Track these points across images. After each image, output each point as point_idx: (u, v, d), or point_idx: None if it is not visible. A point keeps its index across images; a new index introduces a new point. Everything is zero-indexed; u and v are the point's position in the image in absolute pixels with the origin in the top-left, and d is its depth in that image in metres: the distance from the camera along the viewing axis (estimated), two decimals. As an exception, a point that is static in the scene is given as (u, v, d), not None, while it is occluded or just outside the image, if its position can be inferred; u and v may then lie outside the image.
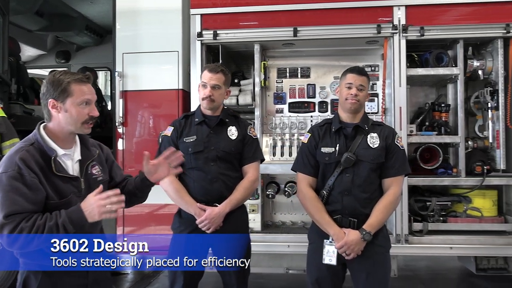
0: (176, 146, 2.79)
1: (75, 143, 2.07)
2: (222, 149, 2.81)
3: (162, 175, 2.21)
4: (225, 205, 2.73)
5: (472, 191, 3.88)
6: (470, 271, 4.12)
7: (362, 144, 2.60)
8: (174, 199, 2.82)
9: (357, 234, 2.48)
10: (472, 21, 3.84)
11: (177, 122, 2.94)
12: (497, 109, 3.87)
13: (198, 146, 2.80)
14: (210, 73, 2.79)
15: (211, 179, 2.77)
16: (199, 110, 2.91)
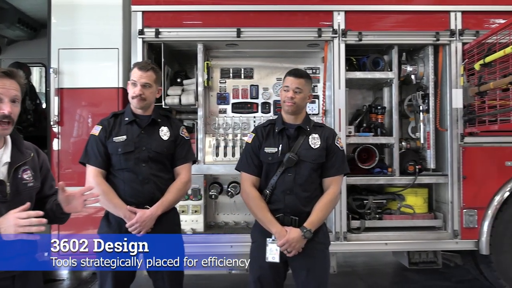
0: (104, 146, 2.71)
1: (5, 144, 1.94)
2: (154, 149, 2.73)
3: (74, 209, 2.05)
4: (157, 207, 2.66)
5: (405, 189, 4.10)
6: (403, 265, 4.33)
7: (304, 145, 2.66)
8: (102, 202, 2.66)
9: (298, 232, 2.54)
10: (406, 28, 4.04)
11: (105, 121, 2.81)
12: (428, 112, 4.12)
13: (128, 147, 2.70)
14: (140, 71, 2.71)
15: (142, 180, 2.68)
16: (129, 109, 2.81)
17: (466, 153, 3.99)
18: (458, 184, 3.98)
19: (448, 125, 4.03)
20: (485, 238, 3.94)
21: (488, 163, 4.00)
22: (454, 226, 3.99)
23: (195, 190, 3.95)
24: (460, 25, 4.02)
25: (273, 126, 2.75)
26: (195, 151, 3.94)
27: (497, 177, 3.99)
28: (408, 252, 4.14)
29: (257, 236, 2.73)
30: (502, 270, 4.02)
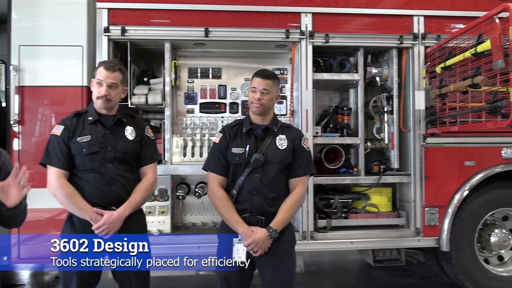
0: (67, 147, 2.63)
1: None
2: (120, 149, 2.68)
3: (14, 198, 1.97)
4: (124, 209, 2.61)
5: (370, 189, 4.19)
6: (368, 263, 4.43)
7: (271, 146, 2.68)
8: (66, 204, 2.59)
9: (264, 232, 2.55)
10: (372, 31, 4.13)
11: (67, 120, 2.72)
12: (392, 113, 4.23)
13: (93, 147, 2.64)
14: (106, 71, 2.64)
15: (109, 181, 2.63)
16: (92, 108, 2.74)
17: (428, 153, 4.12)
18: (421, 184, 4.11)
19: (411, 126, 4.15)
20: (446, 236, 4.08)
21: (449, 163, 4.14)
22: (417, 224, 4.11)
23: (162, 191, 3.90)
24: (422, 29, 4.14)
25: (241, 126, 2.76)
26: (162, 151, 3.90)
27: (457, 177, 4.14)
28: (372, 250, 4.23)
29: (223, 236, 2.72)
30: (461, 266, 4.17)
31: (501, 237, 4.27)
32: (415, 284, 4.92)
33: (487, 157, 4.18)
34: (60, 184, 2.58)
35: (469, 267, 4.19)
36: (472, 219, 4.19)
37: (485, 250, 4.36)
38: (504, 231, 4.30)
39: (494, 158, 4.19)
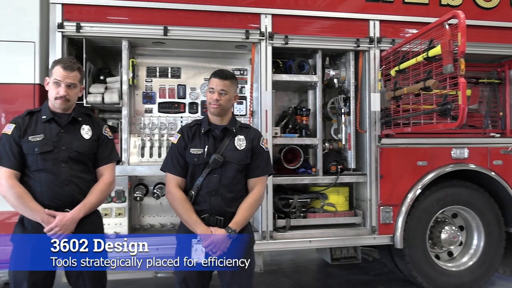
0: (18, 146, 2.53)
1: None
2: (74, 149, 2.60)
3: None
4: (78, 210, 2.53)
5: (328, 188, 4.27)
6: (326, 261, 4.51)
7: (230, 146, 2.68)
8: (16, 206, 2.49)
9: (223, 232, 2.55)
10: (330, 34, 4.21)
11: (19, 119, 2.61)
12: (349, 114, 4.33)
13: (46, 146, 2.54)
14: (65, 71, 2.55)
15: (62, 182, 2.54)
16: (46, 107, 2.65)
17: (383, 153, 4.25)
18: (376, 183, 4.23)
19: (367, 127, 4.26)
20: (399, 233, 4.22)
21: (402, 163, 4.29)
22: (372, 222, 4.24)
23: (119, 192, 3.81)
24: (378, 33, 4.27)
25: (199, 126, 2.74)
26: (119, 151, 3.81)
27: (410, 176, 4.30)
28: (330, 248, 4.33)
29: (182, 237, 2.70)
30: (414, 262, 4.34)
31: (451, 234, 4.47)
32: (370, 281, 5.06)
33: (438, 157, 4.37)
34: (10, 185, 2.47)
35: (421, 263, 4.36)
36: (424, 217, 4.36)
37: (436, 247, 4.56)
38: (454, 228, 4.51)
39: (445, 158, 4.39)
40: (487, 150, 4.48)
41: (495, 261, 4.55)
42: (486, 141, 4.56)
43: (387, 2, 4.31)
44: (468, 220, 4.62)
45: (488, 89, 4.93)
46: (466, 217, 4.61)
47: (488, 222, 4.52)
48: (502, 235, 4.56)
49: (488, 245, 4.52)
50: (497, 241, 4.54)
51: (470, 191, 4.49)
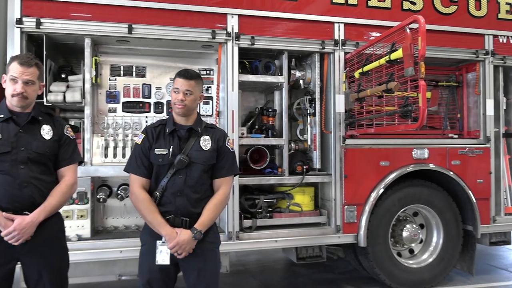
0: None
1: None
2: (34, 150, 2.50)
3: None
4: (38, 213, 2.44)
5: (294, 189, 4.32)
6: (292, 260, 4.55)
7: (195, 146, 2.66)
8: None
9: (189, 234, 2.53)
10: (296, 35, 4.26)
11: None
12: (314, 115, 4.39)
13: (4, 147, 2.44)
14: (21, 67, 2.46)
15: (21, 184, 2.44)
16: (4, 106, 2.55)
17: (347, 154, 4.33)
18: (340, 183, 4.31)
19: (332, 128, 4.34)
20: (363, 232, 4.31)
21: (366, 163, 4.39)
22: (337, 221, 4.31)
23: (81, 194, 3.71)
24: (342, 36, 4.35)
25: (164, 126, 2.71)
26: (82, 152, 3.70)
27: (373, 176, 4.41)
28: (296, 248, 4.36)
29: (147, 239, 2.67)
30: (377, 260, 4.44)
31: (412, 232, 4.61)
32: (335, 279, 5.14)
33: (400, 158, 4.50)
34: None
35: (384, 260, 4.47)
36: (387, 215, 4.48)
37: (398, 244, 4.69)
38: (415, 226, 4.65)
39: (406, 158, 4.52)
40: (446, 150, 4.65)
41: (453, 258, 4.73)
42: (445, 142, 4.74)
43: (352, 5, 4.40)
44: (428, 218, 4.77)
45: (447, 91, 5.13)
46: (426, 216, 4.77)
47: (447, 220, 4.69)
48: (460, 232, 4.75)
49: (446, 242, 4.69)
50: (455, 238, 4.72)
51: (430, 190, 4.64)
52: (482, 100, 4.84)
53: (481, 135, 4.83)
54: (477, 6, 4.81)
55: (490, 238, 4.93)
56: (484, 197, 4.75)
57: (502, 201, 4.86)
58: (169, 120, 2.73)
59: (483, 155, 4.77)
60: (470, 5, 4.78)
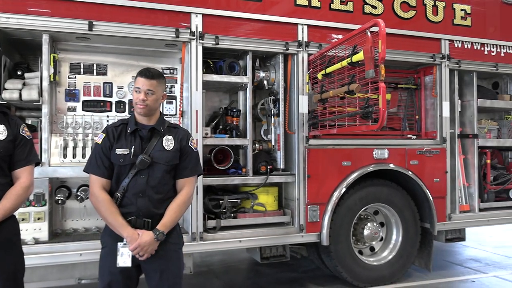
0: None
1: None
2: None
3: None
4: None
5: (258, 189, 4.33)
6: (256, 260, 4.57)
7: (158, 146, 2.62)
8: None
9: (151, 235, 2.49)
10: (260, 36, 4.27)
11: None
12: (278, 116, 4.42)
13: None
14: None
15: None
16: None
17: (311, 154, 4.39)
18: (304, 183, 4.36)
19: (295, 128, 4.39)
20: (326, 231, 4.39)
21: (329, 163, 4.46)
22: (300, 221, 4.36)
23: (38, 195, 3.59)
24: (306, 38, 4.41)
25: (126, 126, 2.65)
26: (39, 152, 3.58)
27: (336, 176, 4.49)
28: (260, 247, 4.38)
29: (107, 241, 2.60)
30: (339, 258, 4.53)
31: (372, 230, 4.73)
32: (298, 278, 5.20)
33: (361, 158, 4.61)
34: None
35: (346, 258, 4.56)
36: (349, 214, 4.57)
37: (359, 242, 4.80)
38: (375, 225, 4.78)
39: (367, 158, 4.63)
40: (405, 151, 4.80)
41: (411, 255, 4.89)
42: (404, 143, 4.89)
43: (315, 7, 4.47)
44: (388, 217, 4.91)
45: (405, 94, 5.30)
46: (386, 214, 4.90)
47: (406, 218, 4.84)
48: (418, 230, 4.91)
49: (405, 240, 4.84)
50: (413, 236, 4.88)
51: (390, 190, 4.78)
52: (439, 102, 5.03)
53: (438, 136, 5.02)
54: (434, 11, 4.99)
55: (446, 235, 5.14)
56: (441, 196, 4.93)
57: (457, 199, 5.08)
58: (130, 119, 2.67)
59: (439, 155, 4.96)
60: (427, 10, 4.96)
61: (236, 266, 5.78)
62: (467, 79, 5.30)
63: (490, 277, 5.21)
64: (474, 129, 5.21)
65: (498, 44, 5.35)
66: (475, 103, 5.23)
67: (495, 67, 5.31)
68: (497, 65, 5.32)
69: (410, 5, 4.88)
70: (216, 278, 5.23)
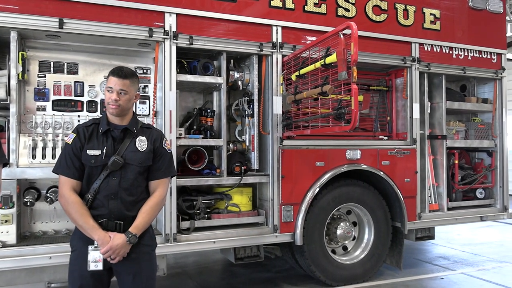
0: None
1: None
2: None
3: None
4: None
5: (232, 189, 4.33)
6: (230, 261, 4.56)
7: (131, 147, 2.58)
8: None
9: (123, 238, 2.45)
10: (235, 37, 4.27)
11: None
12: (252, 117, 4.43)
13: None
14: None
15: None
16: None
17: (285, 154, 4.42)
18: (278, 183, 4.39)
19: (269, 129, 4.40)
20: (299, 231, 4.42)
21: (302, 163, 4.50)
22: (274, 221, 4.39)
23: (5, 197, 3.49)
24: (280, 39, 4.44)
25: (97, 126, 2.60)
26: (7, 152, 3.47)
27: (309, 176, 4.53)
28: (234, 248, 4.38)
29: (77, 244, 2.55)
30: (312, 258, 4.57)
31: (345, 229, 4.80)
32: (272, 277, 5.22)
33: (334, 158, 4.67)
34: None
35: (319, 258, 4.61)
36: (322, 214, 4.63)
37: (332, 242, 4.86)
38: (348, 224, 4.85)
39: (340, 159, 4.70)
40: (377, 151, 4.89)
41: (383, 253, 4.99)
42: (375, 143, 4.99)
43: (289, 9, 4.50)
44: (360, 216, 4.99)
45: (377, 95, 5.40)
46: (359, 214, 4.98)
47: (378, 217, 4.93)
48: (389, 229, 5.01)
49: (377, 239, 4.93)
50: (385, 235, 4.98)
51: (362, 189, 4.86)
52: (409, 104, 5.15)
53: (408, 137, 5.14)
54: (405, 15, 5.11)
55: (416, 233, 5.26)
56: (411, 195, 5.05)
57: (427, 199, 5.21)
58: (102, 119, 2.62)
59: (410, 156, 5.08)
60: (398, 14, 5.07)
61: (210, 267, 5.76)
62: (436, 81, 5.45)
63: (458, 274, 5.37)
64: (443, 130, 5.36)
65: (465, 48, 5.52)
66: (444, 105, 5.38)
67: (463, 70, 5.48)
68: (465, 68, 5.49)
69: (382, 8, 4.98)
70: (190, 279, 5.20)
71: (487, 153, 5.96)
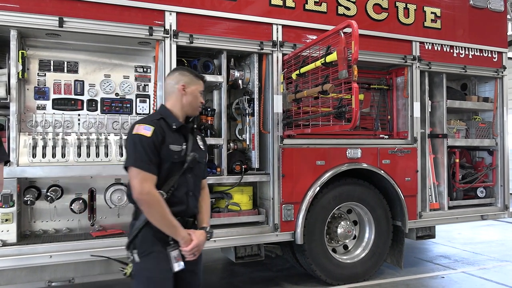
0: None
1: None
2: None
3: None
4: None
5: (232, 188, 4.33)
6: (231, 260, 4.56)
7: (195, 145, 2.55)
8: None
9: (204, 234, 2.46)
10: (235, 35, 4.27)
11: None
12: (253, 115, 4.43)
13: None
14: None
15: None
16: None
17: (285, 153, 4.41)
18: (278, 182, 4.38)
19: (270, 128, 4.40)
20: (300, 230, 4.42)
21: (303, 162, 4.50)
22: (275, 220, 4.38)
23: (5, 196, 3.49)
24: (281, 37, 4.43)
25: (165, 122, 2.46)
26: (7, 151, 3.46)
27: (310, 175, 4.53)
28: (234, 247, 4.38)
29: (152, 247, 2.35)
30: (313, 256, 4.57)
31: (346, 228, 4.80)
32: (273, 276, 5.22)
33: (335, 157, 4.66)
34: None
35: (320, 257, 4.61)
36: (322, 213, 4.62)
37: (333, 241, 4.85)
38: (349, 223, 4.85)
39: (341, 158, 4.69)
40: (377, 150, 4.88)
41: (383, 252, 4.98)
42: (376, 142, 4.98)
43: (290, 8, 4.49)
44: (361, 215, 4.99)
45: (378, 94, 5.39)
46: (359, 212, 4.98)
47: (378, 216, 4.93)
48: (389, 228, 5.00)
49: (378, 238, 4.92)
50: (385, 234, 4.97)
51: (362, 188, 4.85)
52: (410, 103, 5.14)
53: (409, 136, 5.13)
54: (406, 14, 5.10)
55: (417, 232, 5.26)
56: (412, 194, 5.05)
57: (428, 197, 5.20)
58: (168, 115, 2.48)
59: (410, 155, 5.07)
60: (399, 13, 5.06)
61: (211, 266, 5.76)
62: (437, 80, 5.44)
63: (459, 273, 5.36)
64: (443, 129, 5.35)
65: (466, 47, 5.51)
66: (444, 104, 5.37)
67: (464, 69, 5.47)
68: (466, 67, 5.48)
69: (383, 7, 4.97)
70: (190, 278, 5.19)
71: (488, 152, 5.95)
